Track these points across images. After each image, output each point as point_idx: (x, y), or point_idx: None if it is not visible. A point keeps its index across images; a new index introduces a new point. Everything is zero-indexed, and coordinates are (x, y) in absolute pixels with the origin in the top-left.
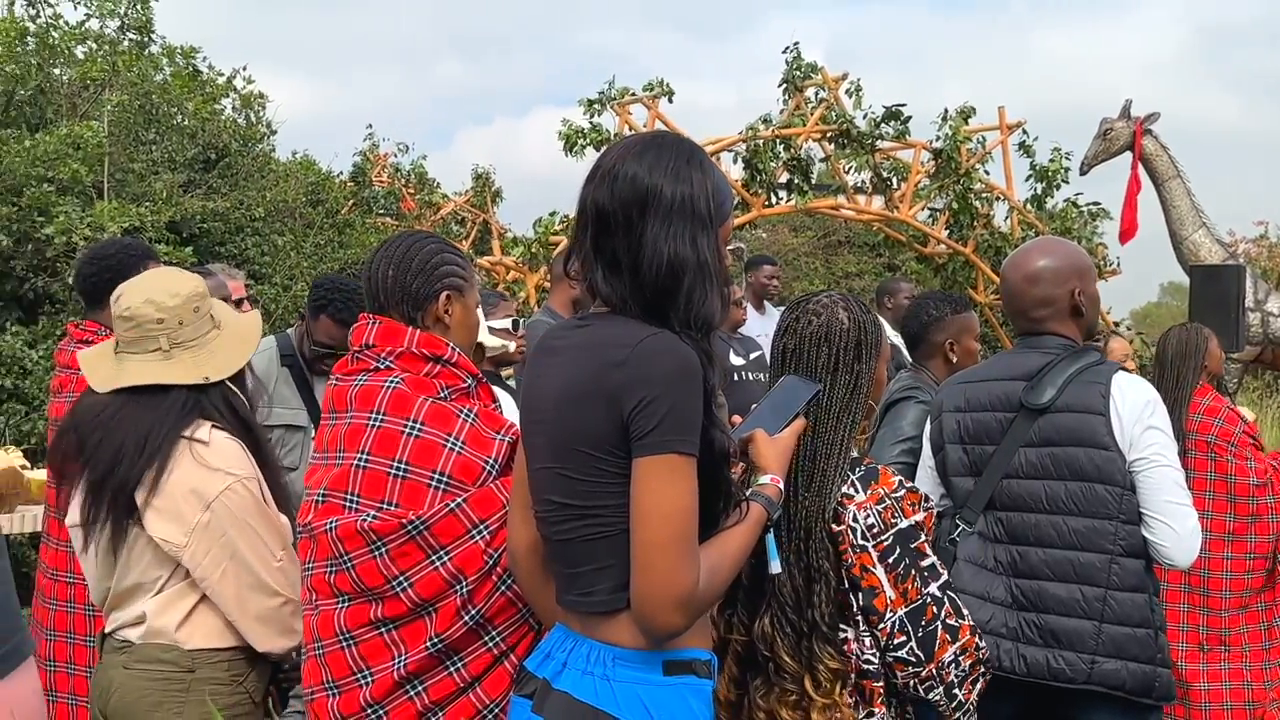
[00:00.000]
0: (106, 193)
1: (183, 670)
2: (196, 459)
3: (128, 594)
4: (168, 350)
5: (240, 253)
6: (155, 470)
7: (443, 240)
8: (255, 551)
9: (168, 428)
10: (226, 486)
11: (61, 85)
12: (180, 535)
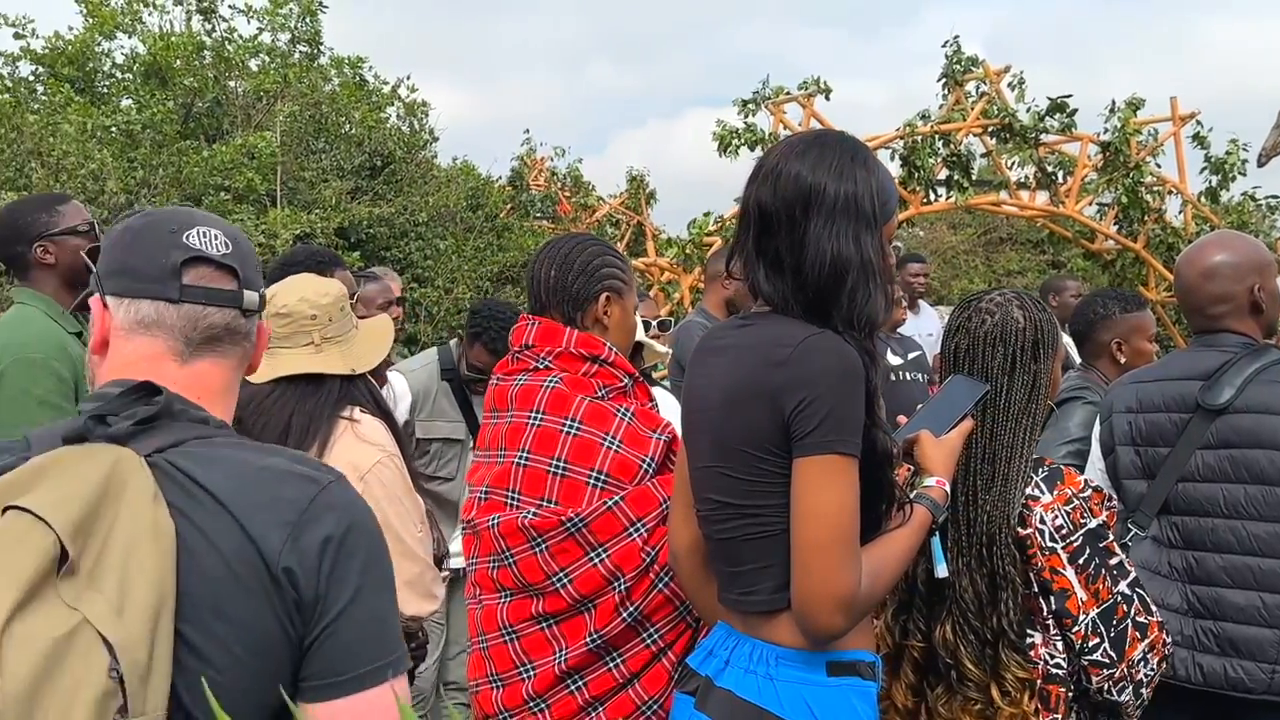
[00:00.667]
0: (279, 200)
1: None
2: (353, 435)
3: None
4: (319, 344)
5: (404, 256)
6: (319, 447)
7: (605, 244)
8: (402, 521)
9: (328, 411)
10: (378, 460)
11: (237, 97)
12: None
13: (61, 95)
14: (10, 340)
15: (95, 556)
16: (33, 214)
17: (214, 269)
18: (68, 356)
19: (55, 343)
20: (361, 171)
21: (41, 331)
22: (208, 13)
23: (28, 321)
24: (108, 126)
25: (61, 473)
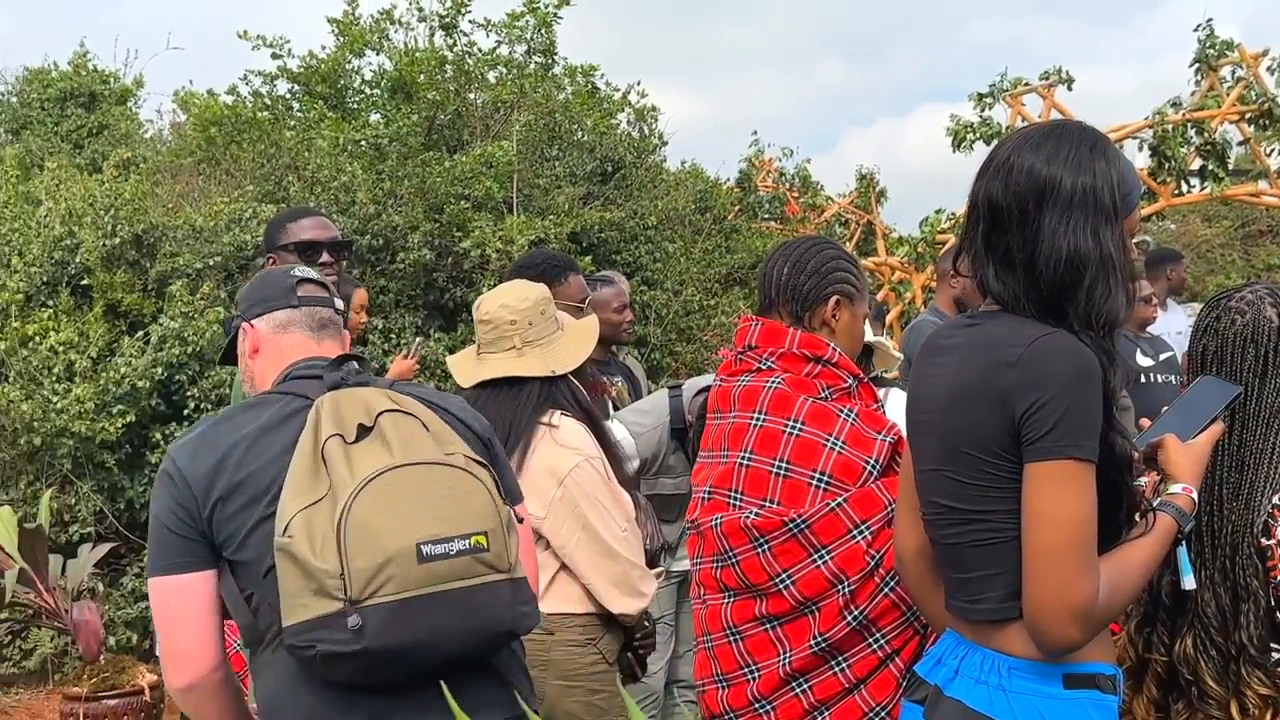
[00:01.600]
0: (515, 207)
1: (544, 633)
2: (551, 440)
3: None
4: (520, 348)
5: (633, 260)
6: (520, 452)
7: (842, 249)
8: (603, 522)
9: (527, 414)
10: (576, 464)
11: (476, 109)
12: (540, 509)
13: (315, 112)
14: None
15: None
16: (273, 228)
17: (314, 285)
18: None
19: None
20: (593, 177)
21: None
22: (450, 28)
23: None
24: (357, 140)
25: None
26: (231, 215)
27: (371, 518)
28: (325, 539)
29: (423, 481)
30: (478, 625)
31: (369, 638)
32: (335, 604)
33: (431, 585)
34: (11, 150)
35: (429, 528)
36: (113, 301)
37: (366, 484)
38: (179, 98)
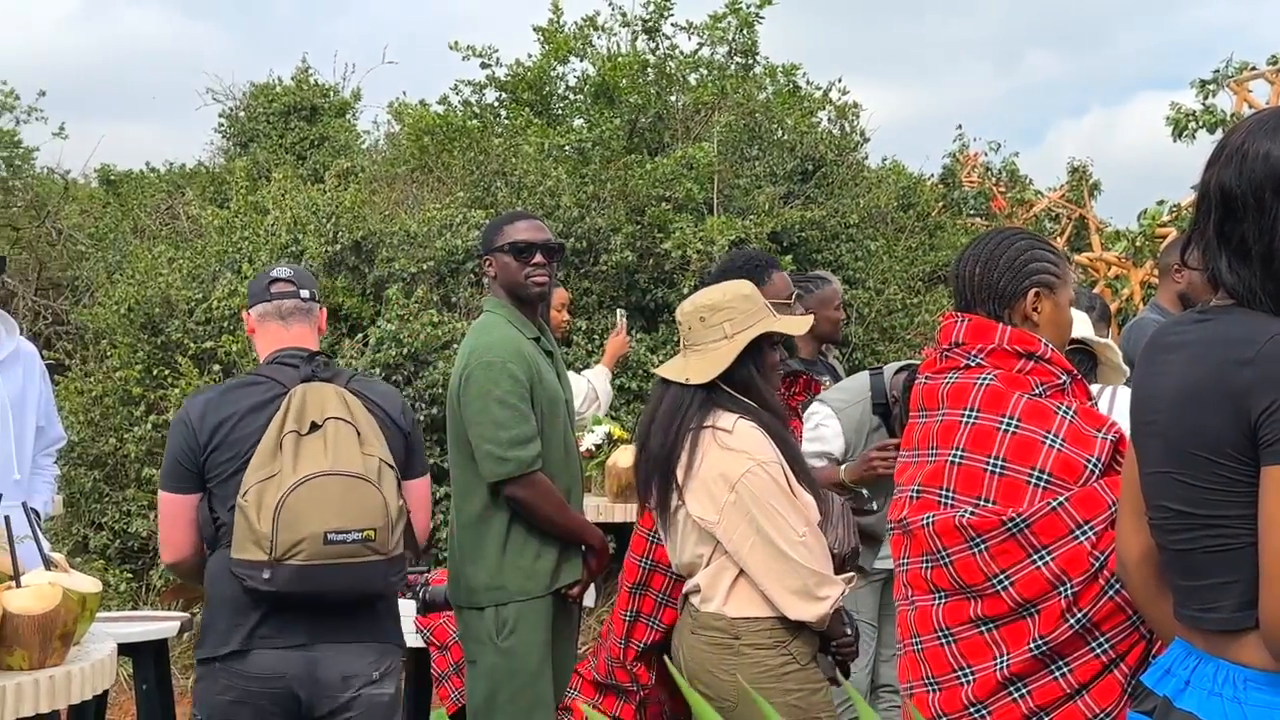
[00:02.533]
0: (716, 208)
1: (730, 637)
2: (720, 445)
3: (688, 566)
4: (684, 351)
5: (835, 259)
6: (688, 455)
7: (1035, 236)
8: (778, 528)
9: (688, 417)
10: (748, 470)
11: (677, 111)
12: (713, 514)
13: (522, 119)
14: (475, 345)
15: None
16: (490, 231)
17: (283, 283)
18: (523, 359)
19: (512, 347)
20: (793, 176)
21: (501, 337)
22: (652, 32)
23: (490, 328)
24: (562, 145)
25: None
26: (443, 221)
27: (299, 507)
28: (266, 510)
29: (339, 489)
30: (358, 587)
31: (276, 585)
32: (262, 555)
33: (330, 559)
34: (240, 162)
35: (336, 521)
36: (334, 305)
37: (303, 482)
38: (393, 109)
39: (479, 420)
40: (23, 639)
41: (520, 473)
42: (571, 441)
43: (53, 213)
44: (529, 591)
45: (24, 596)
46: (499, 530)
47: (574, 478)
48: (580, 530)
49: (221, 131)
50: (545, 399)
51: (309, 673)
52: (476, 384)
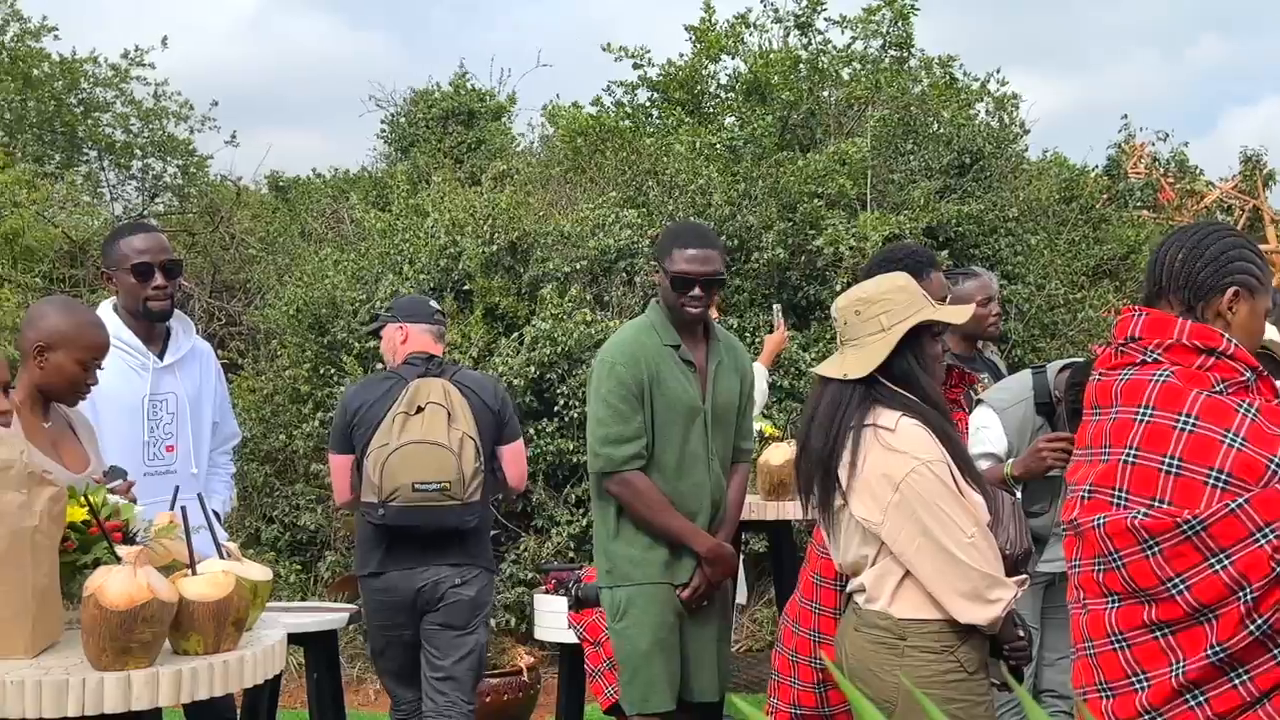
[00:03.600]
0: (869, 204)
1: (895, 637)
2: (883, 444)
3: (852, 566)
4: (842, 347)
5: (993, 253)
6: (850, 454)
7: (1245, 237)
8: (945, 530)
9: (848, 415)
10: (912, 469)
11: (829, 106)
12: (877, 515)
13: (673, 118)
14: (608, 344)
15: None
16: (663, 242)
17: (439, 313)
18: (636, 363)
19: (630, 350)
20: (950, 170)
21: (625, 339)
22: (804, 27)
23: (626, 329)
24: (713, 144)
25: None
26: (596, 221)
27: (396, 464)
28: (377, 467)
29: (423, 453)
30: (439, 523)
31: (386, 520)
32: (375, 499)
33: (417, 502)
34: (401, 167)
35: (420, 476)
36: (491, 305)
37: (400, 447)
38: (547, 111)
39: (589, 414)
40: (198, 624)
41: (611, 470)
42: (696, 452)
43: (225, 218)
44: (635, 578)
45: (200, 584)
46: (610, 518)
47: (694, 485)
48: (680, 536)
49: (383, 137)
50: (662, 405)
51: (416, 584)
52: (592, 380)
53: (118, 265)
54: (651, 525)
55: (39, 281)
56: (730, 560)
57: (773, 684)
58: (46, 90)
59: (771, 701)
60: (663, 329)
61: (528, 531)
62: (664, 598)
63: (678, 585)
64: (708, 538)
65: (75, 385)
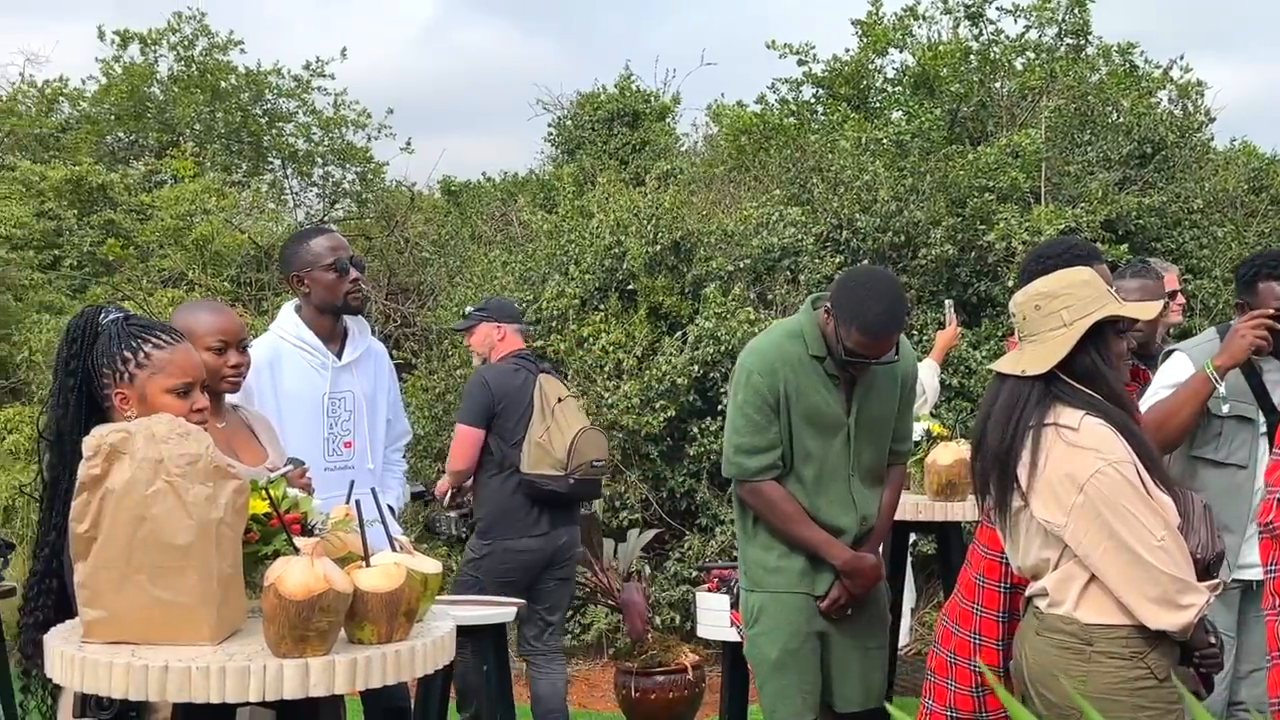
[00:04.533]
0: (1043, 197)
1: (1081, 642)
2: (1066, 444)
3: (1033, 569)
4: (1020, 344)
5: (1176, 247)
6: (1030, 454)
7: None
8: (1133, 532)
9: (1026, 413)
10: (1097, 470)
11: (1001, 98)
12: (1060, 517)
13: (838, 113)
14: (750, 348)
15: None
16: (843, 290)
17: (526, 323)
18: (774, 373)
19: (770, 358)
20: (1129, 161)
21: (767, 345)
22: (975, 17)
23: (771, 331)
24: (879, 139)
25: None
26: (760, 219)
27: (583, 444)
28: (569, 445)
29: (596, 435)
30: (598, 493)
31: (568, 489)
32: (557, 471)
33: (590, 475)
34: (568, 169)
35: (595, 454)
36: (655, 304)
37: (584, 430)
38: (711, 110)
39: (727, 419)
40: (371, 614)
41: (743, 479)
42: (837, 466)
43: (400, 222)
44: (768, 585)
45: (373, 575)
46: (747, 521)
47: (835, 500)
48: (815, 547)
49: (550, 140)
50: (800, 418)
51: (556, 544)
52: (732, 385)
53: (311, 265)
54: (785, 536)
55: (227, 285)
56: (872, 572)
57: (928, 685)
58: (233, 102)
59: (927, 703)
60: (812, 339)
61: (691, 530)
62: (799, 607)
63: (817, 596)
64: (844, 550)
65: (217, 372)
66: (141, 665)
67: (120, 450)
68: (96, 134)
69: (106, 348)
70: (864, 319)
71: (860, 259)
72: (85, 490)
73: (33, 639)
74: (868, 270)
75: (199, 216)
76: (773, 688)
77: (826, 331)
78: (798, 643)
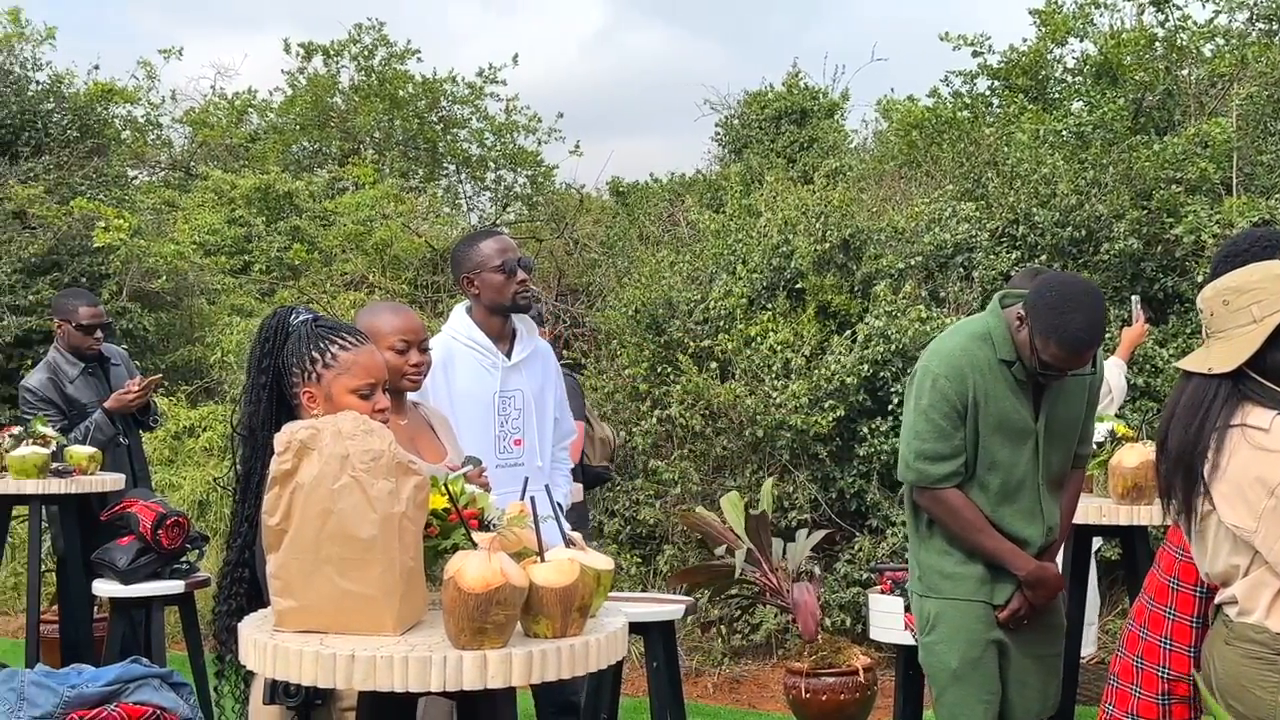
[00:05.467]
0: (1235, 188)
1: (1273, 653)
2: (1255, 445)
3: (1221, 576)
4: (1207, 340)
5: None
6: (1216, 456)
7: None
8: None
9: (1212, 413)
10: None
11: (1189, 86)
12: (1250, 521)
13: (1015, 105)
14: (932, 347)
15: None
16: (1041, 298)
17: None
18: (962, 377)
19: (957, 361)
20: None
21: (955, 347)
22: (1160, 4)
23: (957, 333)
24: (1058, 130)
25: None
26: (931, 215)
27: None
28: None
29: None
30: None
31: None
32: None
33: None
34: (735, 168)
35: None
36: (823, 303)
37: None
38: (881, 106)
39: (905, 420)
40: (546, 609)
41: (923, 485)
42: (1025, 475)
43: (569, 224)
44: (945, 592)
45: (547, 570)
46: (921, 525)
47: (1022, 510)
48: (997, 557)
49: (717, 140)
50: (988, 425)
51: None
52: (913, 386)
53: (480, 267)
54: (966, 544)
55: (405, 288)
56: (1056, 582)
57: (1110, 689)
58: (411, 110)
59: (1107, 708)
60: (1001, 342)
61: (861, 531)
62: (978, 615)
63: (994, 604)
64: (1028, 560)
65: (399, 371)
66: (329, 654)
67: (309, 446)
68: (283, 143)
69: (296, 348)
70: (1063, 332)
71: (1037, 255)
72: (276, 484)
73: (226, 626)
74: (1067, 279)
75: (378, 221)
76: (952, 697)
77: (1018, 337)
78: (978, 651)
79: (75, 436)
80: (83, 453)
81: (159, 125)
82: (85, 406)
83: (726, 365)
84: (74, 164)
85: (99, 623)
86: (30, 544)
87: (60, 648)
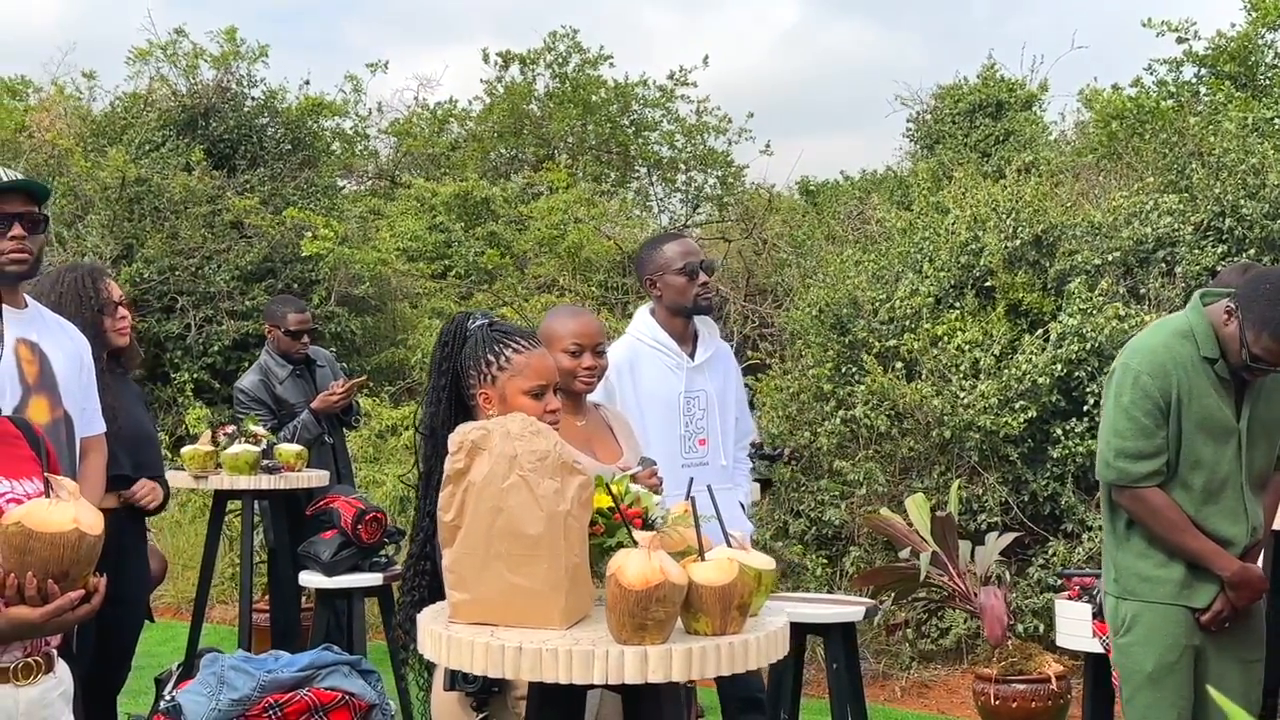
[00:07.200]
0: None
1: None
2: None
3: None
4: None
5: None
6: None
7: None
8: None
9: None
10: None
11: None
12: None
13: (1222, 93)
14: (1132, 344)
15: None
16: (1255, 291)
17: None
18: (1164, 374)
19: (1160, 358)
20: None
21: (1156, 344)
22: None
23: (1159, 329)
24: (1270, 118)
25: None
26: (1131, 209)
27: None
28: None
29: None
30: None
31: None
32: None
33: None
34: (924, 164)
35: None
36: (1013, 301)
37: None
38: (1083, 96)
39: (1105, 418)
40: (706, 606)
41: (1124, 484)
42: (1229, 475)
43: (759, 224)
44: (1143, 595)
45: (706, 569)
46: (1120, 525)
47: (1225, 510)
48: (1201, 558)
49: (909, 135)
50: (1191, 425)
51: None
52: (1114, 384)
53: (663, 270)
54: (1168, 544)
55: (595, 290)
56: (1260, 584)
57: None
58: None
59: None
60: (1204, 338)
61: (1055, 535)
62: (1176, 619)
63: (1194, 608)
64: (1233, 560)
65: (572, 373)
66: (499, 645)
67: (480, 446)
68: (481, 151)
69: (473, 351)
70: (1277, 325)
71: (1245, 249)
72: (451, 483)
73: (410, 616)
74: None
75: (570, 225)
76: (1144, 700)
77: (1224, 333)
78: (1175, 655)
79: (284, 435)
80: (291, 450)
81: (366, 136)
82: (293, 406)
83: (912, 365)
84: (287, 175)
85: (306, 612)
86: (243, 537)
87: (270, 635)
